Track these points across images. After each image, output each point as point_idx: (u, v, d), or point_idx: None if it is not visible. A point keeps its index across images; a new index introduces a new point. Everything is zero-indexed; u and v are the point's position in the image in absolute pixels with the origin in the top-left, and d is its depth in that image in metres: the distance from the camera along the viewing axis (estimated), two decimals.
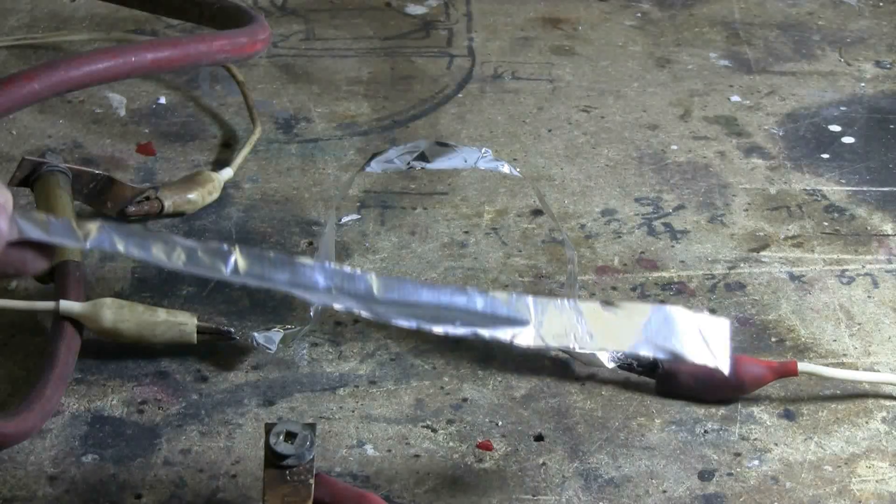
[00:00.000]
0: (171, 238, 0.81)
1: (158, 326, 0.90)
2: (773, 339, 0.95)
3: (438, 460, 0.85)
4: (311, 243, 1.03)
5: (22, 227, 0.73)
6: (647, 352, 0.83)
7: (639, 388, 0.91)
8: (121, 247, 0.79)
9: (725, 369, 0.83)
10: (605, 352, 0.90)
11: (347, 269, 0.83)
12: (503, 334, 0.83)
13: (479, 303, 0.84)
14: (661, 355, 0.83)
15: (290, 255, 0.83)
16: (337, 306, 0.82)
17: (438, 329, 0.83)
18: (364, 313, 0.82)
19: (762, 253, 1.04)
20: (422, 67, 1.28)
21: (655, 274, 1.01)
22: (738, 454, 0.86)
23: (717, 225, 1.07)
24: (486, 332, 0.83)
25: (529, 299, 0.84)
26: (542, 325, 0.84)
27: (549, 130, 1.19)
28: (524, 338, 0.83)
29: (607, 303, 0.85)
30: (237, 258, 0.81)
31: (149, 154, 1.14)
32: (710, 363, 0.83)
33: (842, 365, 0.92)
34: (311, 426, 0.76)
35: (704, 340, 0.84)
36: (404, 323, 0.83)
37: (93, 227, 0.79)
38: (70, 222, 0.78)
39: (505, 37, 1.34)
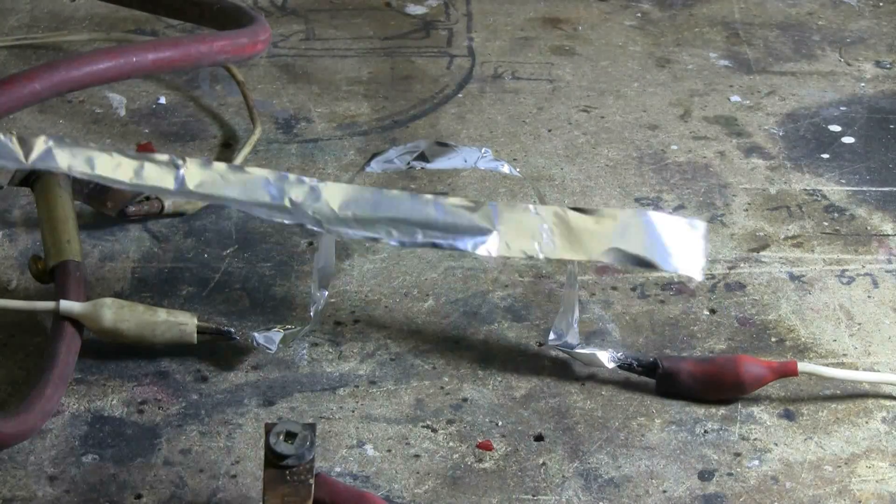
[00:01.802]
0: (119, 152, 0.80)
1: (158, 326, 0.90)
2: (773, 339, 0.95)
3: (438, 460, 0.85)
4: (311, 243, 1.03)
5: None
6: (614, 261, 0.82)
7: (639, 388, 0.91)
8: (64, 164, 0.78)
9: (698, 276, 0.82)
10: (605, 352, 0.90)
11: (304, 179, 0.82)
12: (464, 244, 0.82)
13: (441, 211, 0.82)
14: (630, 264, 0.81)
15: (242, 167, 0.82)
16: (287, 221, 0.81)
17: (395, 241, 0.81)
18: (315, 226, 0.81)
19: (762, 253, 1.04)
20: (422, 67, 1.28)
21: (655, 274, 1.01)
22: (738, 454, 0.86)
23: (717, 225, 1.07)
24: (446, 242, 0.82)
25: (493, 206, 0.82)
26: (506, 232, 0.83)
27: (549, 130, 1.19)
28: (487, 247, 0.82)
29: (577, 209, 0.83)
30: (186, 170, 0.80)
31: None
32: (682, 271, 0.82)
33: (842, 365, 0.92)
34: (311, 426, 0.76)
35: (678, 247, 0.83)
36: (359, 235, 0.81)
37: (37, 142, 0.77)
38: (11, 140, 0.76)
39: (505, 37, 1.34)
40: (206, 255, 1.01)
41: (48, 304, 0.90)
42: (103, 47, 1.22)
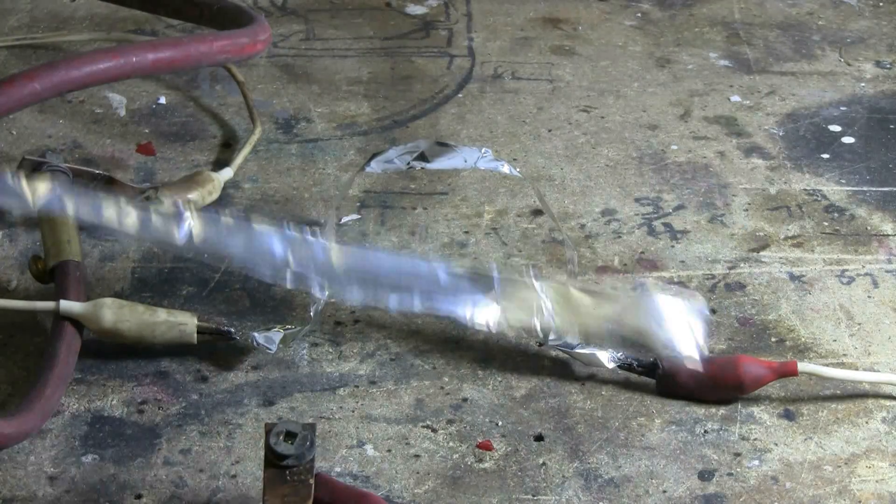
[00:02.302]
0: (127, 203, 0.81)
1: (158, 326, 0.90)
2: (773, 339, 0.95)
3: (438, 460, 0.85)
4: None
5: None
6: (611, 340, 0.84)
7: (639, 388, 0.91)
8: (70, 208, 0.78)
9: (695, 362, 0.85)
10: (605, 352, 0.90)
11: (307, 237, 0.82)
12: (462, 311, 0.83)
13: (443, 280, 0.83)
14: (627, 346, 0.83)
15: (248, 221, 0.82)
16: (290, 286, 0.82)
17: (394, 303, 0.82)
18: (318, 292, 0.82)
19: (762, 253, 1.04)
20: (422, 67, 1.28)
21: (655, 274, 1.01)
22: (738, 454, 0.86)
23: (717, 225, 1.07)
24: (444, 308, 0.83)
25: (495, 275, 0.83)
26: (507, 307, 0.84)
27: (549, 130, 1.19)
28: (485, 316, 0.83)
29: (580, 288, 0.84)
30: (191, 223, 0.81)
31: (149, 154, 1.14)
32: (680, 354, 0.84)
33: (842, 365, 0.92)
34: (311, 426, 0.76)
35: (677, 330, 0.84)
36: (359, 297, 0.82)
37: (42, 186, 0.78)
38: (20, 182, 0.77)
39: (505, 37, 1.34)
40: (206, 255, 1.01)
41: (48, 304, 0.90)
42: (103, 47, 1.22)
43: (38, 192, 0.79)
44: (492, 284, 0.84)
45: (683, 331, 0.86)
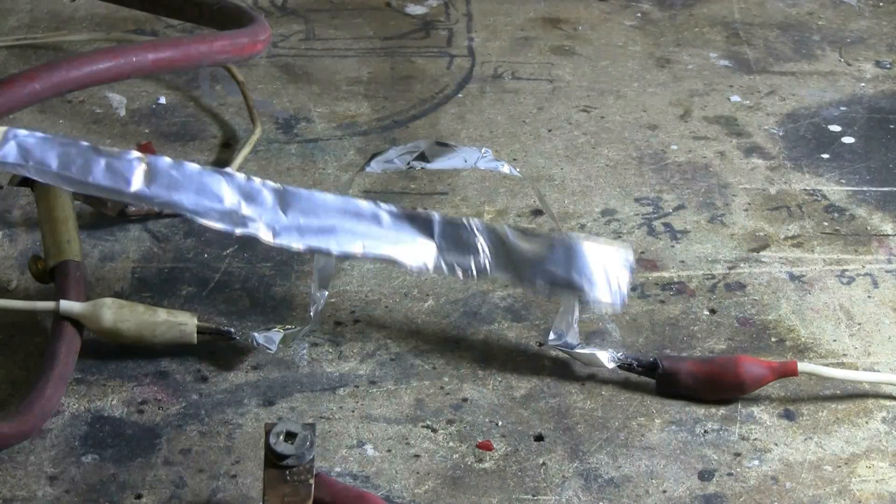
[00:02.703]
0: (79, 147, 0.81)
1: (158, 326, 0.90)
2: (773, 339, 0.95)
3: (438, 460, 0.85)
4: None
5: None
6: (543, 285, 0.85)
7: (639, 388, 0.91)
8: (29, 162, 0.79)
9: (617, 306, 0.88)
10: (605, 352, 0.90)
11: (255, 180, 0.83)
12: (403, 256, 0.84)
13: (384, 221, 0.84)
14: (557, 290, 0.84)
15: (201, 169, 0.83)
16: (238, 231, 0.83)
17: (336, 251, 0.84)
18: (263, 236, 0.83)
19: (762, 253, 1.04)
20: (422, 67, 1.28)
21: (655, 274, 1.01)
22: (738, 454, 0.86)
23: (717, 225, 1.07)
24: (385, 253, 0.84)
25: (436, 219, 0.85)
26: (444, 248, 0.85)
27: (549, 130, 1.19)
28: (424, 259, 0.85)
29: (516, 230, 0.86)
30: (143, 172, 0.81)
31: (149, 154, 1.14)
32: (605, 300, 0.87)
33: (842, 365, 0.92)
34: (311, 426, 0.76)
35: (605, 275, 0.86)
36: (301, 246, 0.84)
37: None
38: None
39: (505, 37, 1.34)
40: (206, 255, 1.01)
41: (48, 304, 0.90)
42: (103, 47, 1.22)
43: None
44: (431, 226, 0.85)
45: (605, 277, 0.87)
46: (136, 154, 0.83)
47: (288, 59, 1.29)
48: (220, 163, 1.12)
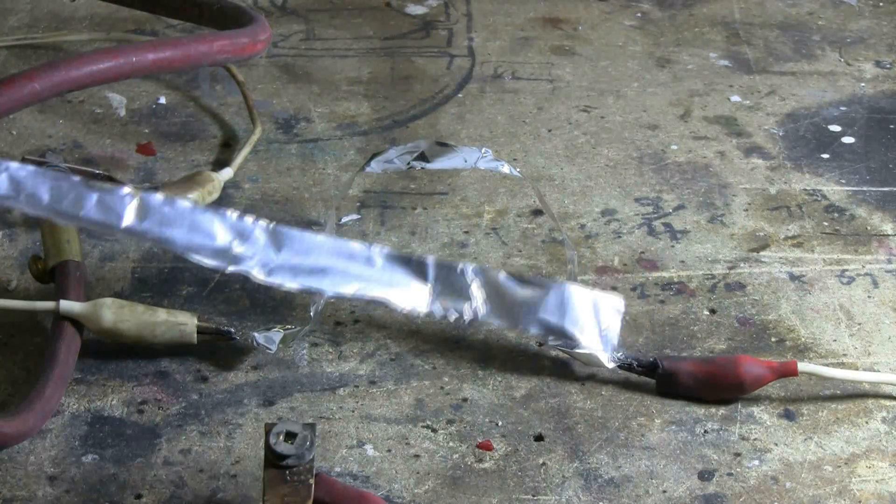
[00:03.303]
0: (70, 182, 0.81)
1: (158, 326, 0.90)
2: (773, 339, 0.95)
3: (438, 460, 0.85)
4: None
5: None
6: (536, 330, 0.86)
7: (639, 388, 0.91)
8: (20, 196, 0.79)
9: (606, 360, 0.89)
10: (605, 352, 0.90)
11: (246, 219, 0.83)
12: (396, 299, 0.84)
13: (378, 264, 0.84)
14: (550, 334, 0.85)
15: (193, 206, 0.83)
16: (231, 269, 0.83)
17: (329, 292, 0.84)
18: (256, 275, 0.83)
19: (762, 253, 1.04)
20: (422, 67, 1.28)
21: (655, 274, 1.01)
22: (738, 454, 0.86)
23: (717, 225, 1.07)
24: (379, 296, 0.84)
25: (429, 264, 0.85)
26: (439, 292, 0.85)
27: (549, 130, 1.19)
28: (417, 303, 0.85)
29: (510, 276, 0.86)
30: (135, 208, 0.81)
31: (149, 154, 1.14)
32: (595, 348, 0.88)
33: (842, 365, 0.93)
34: (311, 426, 0.76)
35: (596, 324, 0.88)
36: (294, 286, 0.84)
37: None
38: None
39: (505, 37, 1.34)
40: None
41: (48, 304, 0.90)
42: (103, 47, 1.22)
43: None
44: (425, 269, 0.86)
45: (595, 327, 0.88)
46: (127, 190, 0.82)
47: (288, 59, 1.29)
48: (220, 163, 1.12)
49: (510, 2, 1.41)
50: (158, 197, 0.82)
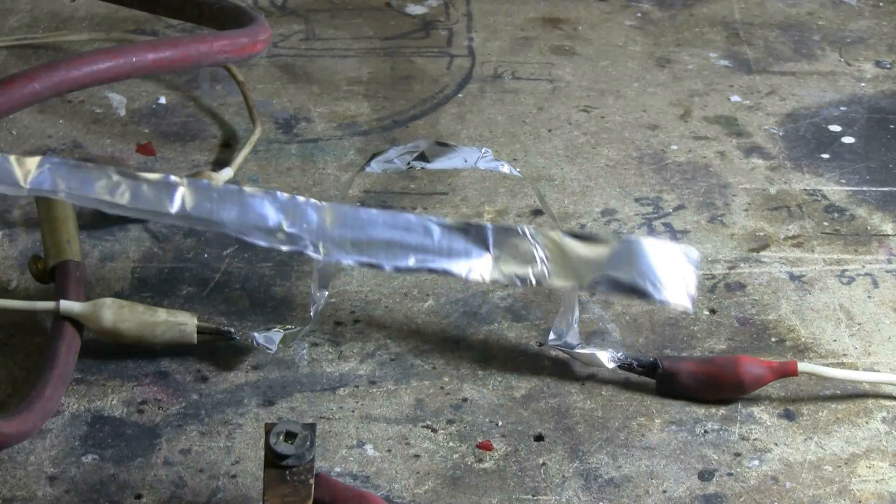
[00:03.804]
0: (117, 173, 0.81)
1: (158, 326, 0.90)
2: (773, 339, 0.95)
3: (438, 460, 0.85)
4: None
5: None
6: (605, 289, 0.83)
7: (639, 388, 0.91)
8: (62, 188, 0.78)
9: (688, 307, 0.83)
10: (605, 352, 0.90)
11: (299, 198, 0.82)
12: (458, 268, 0.83)
13: (436, 234, 0.83)
14: (622, 292, 0.82)
15: (240, 188, 0.82)
16: (286, 248, 0.82)
17: (388, 266, 0.82)
18: (312, 253, 0.82)
19: (762, 253, 1.04)
20: (422, 67, 1.28)
21: None
22: (738, 454, 0.86)
23: (717, 225, 1.07)
24: (440, 266, 0.82)
25: (489, 229, 0.83)
26: (500, 258, 0.84)
27: (549, 130, 1.19)
28: (480, 271, 0.83)
29: (571, 233, 0.84)
30: (184, 194, 0.81)
31: (149, 154, 1.14)
32: (673, 302, 0.83)
33: (842, 365, 0.93)
34: (311, 426, 0.76)
35: (670, 277, 0.83)
36: (351, 261, 0.82)
37: (33, 164, 0.78)
38: (9, 160, 0.76)
39: (505, 37, 1.34)
40: (206, 255, 1.01)
41: (48, 304, 0.90)
42: (103, 47, 1.22)
43: (28, 171, 0.78)
44: (485, 236, 0.84)
45: (673, 277, 0.84)
46: (174, 178, 0.82)
47: (288, 59, 1.29)
48: (220, 163, 1.12)
49: (510, 2, 1.41)
50: (206, 181, 0.82)
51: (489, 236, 0.83)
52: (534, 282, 0.83)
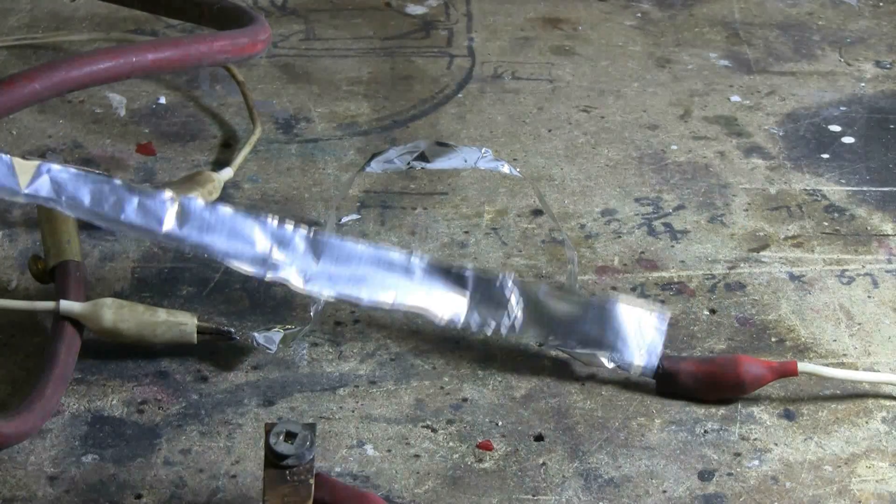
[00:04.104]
0: (112, 185, 0.81)
1: (158, 326, 0.90)
2: (773, 339, 0.95)
3: (438, 460, 0.85)
4: None
5: None
6: (574, 344, 0.86)
7: (639, 388, 0.91)
8: (54, 198, 0.79)
9: (649, 371, 0.89)
10: (605, 352, 0.90)
11: (286, 227, 0.83)
12: (434, 308, 0.85)
13: (417, 273, 0.85)
14: (588, 349, 0.85)
15: (234, 212, 0.83)
16: (269, 276, 0.83)
17: (367, 301, 0.84)
18: (296, 284, 0.83)
19: (762, 253, 1.04)
20: (422, 67, 1.28)
21: (655, 274, 1.01)
22: (738, 454, 0.86)
23: (717, 225, 1.07)
24: (416, 305, 0.85)
25: (469, 272, 0.85)
26: (476, 302, 0.86)
27: (549, 130, 1.19)
28: (455, 313, 0.85)
29: (551, 289, 0.86)
30: (175, 213, 0.81)
31: (149, 154, 1.14)
32: (637, 362, 0.88)
33: (842, 365, 0.93)
34: (311, 426, 0.76)
35: (639, 338, 0.87)
36: (332, 294, 0.84)
37: (32, 166, 0.78)
38: (11, 161, 0.77)
39: (505, 37, 1.34)
40: (206, 255, 1.01)
41: (48, 304, 0.90)
42: (103, 47, 1.22)
43: (26, 170, 0.79)
44: (464, 280, 0.86)
45: (638, 340, 0.88)
46: (168, 194, 0.83)
47: (288, 59, 1.29)
48: (220, 163, 1.12)
49: (510, 2, 1.41)
50: (199, 202, 0.82)
51: (469, 281, 0.86)
52: (504, 330, 0.86)
